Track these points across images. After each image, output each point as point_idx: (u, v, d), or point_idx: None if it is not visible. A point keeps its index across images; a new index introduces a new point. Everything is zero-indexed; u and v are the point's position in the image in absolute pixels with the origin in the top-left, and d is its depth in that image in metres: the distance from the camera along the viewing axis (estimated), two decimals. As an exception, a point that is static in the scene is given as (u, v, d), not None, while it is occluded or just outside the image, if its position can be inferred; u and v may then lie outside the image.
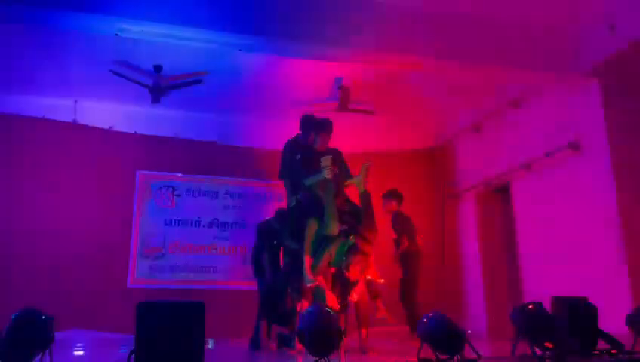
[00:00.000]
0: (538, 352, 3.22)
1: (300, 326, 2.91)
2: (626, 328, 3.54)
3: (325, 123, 4.87)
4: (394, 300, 5.65)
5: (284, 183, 5.09)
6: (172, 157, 6.62)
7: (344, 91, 6.22)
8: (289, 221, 4.86)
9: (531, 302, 3.44)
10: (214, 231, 6.62)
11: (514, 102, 6.20)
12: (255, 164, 6.78)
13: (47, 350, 2.61)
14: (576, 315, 3.39)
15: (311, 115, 5.11)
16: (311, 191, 4.62)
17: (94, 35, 4.66)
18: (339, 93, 6.25)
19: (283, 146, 5.17)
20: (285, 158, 5.07)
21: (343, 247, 4.20)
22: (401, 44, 4.77)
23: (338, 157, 4.75)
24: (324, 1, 4.68)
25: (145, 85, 5.86)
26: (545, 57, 5.10)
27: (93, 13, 4.04)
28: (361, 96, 6.43)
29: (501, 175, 6.39)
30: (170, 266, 6.33)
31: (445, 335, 3.01)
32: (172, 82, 5.86)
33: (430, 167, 7.51)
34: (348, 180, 4.73)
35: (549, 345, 3.19)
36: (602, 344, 3.39)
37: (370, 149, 6.84)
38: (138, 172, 6.50)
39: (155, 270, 6.27)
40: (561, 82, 5.39)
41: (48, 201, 5.89)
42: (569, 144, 5.30)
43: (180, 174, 6.67)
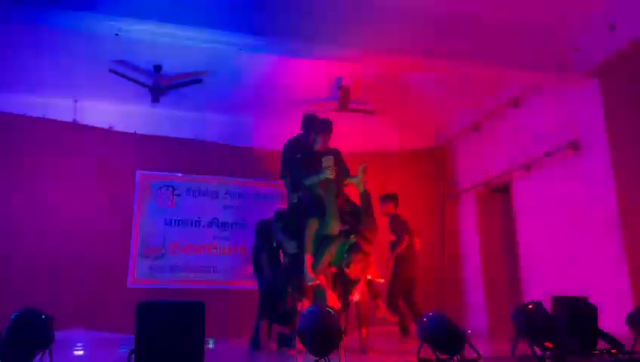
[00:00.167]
0: (538, 352, 3.22)
1: (301, 325, 2.91)
2: (626, 328, 3.54)
3: (325, 123, 4.88)
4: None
5: (284, 182, 5.10)
6: (172, 157, 6.61)
7: (344, 91, 6.22)
8: (289, 220, 4.86)
9: (531, 302, 3.44)
10: (214, 231, 6.61)
11: (514, 102, 6.20)
12: (255, 164, 6.78)
13: (47, 350, 2.61)
14: (576, 315, 3.39)
15: (312, 115, 5.11)
16: (311, 190, 4.62)
17: (94, 35, 4.66)
18: (339, 93, 6.26)
19: (284, 146, 5.18)
20: (286, 158, 5.07)
21: (344, 246, 4.21)
22: (401, 44, 4.77)
23: (338, 157, 4.76)
24: (324, 1, 4.68)
25: (145, 85, 5.86)
26: (545, 57, 5.11)
27: (93, 13, 4.04)
28: (361, 96, 6.43)
29: (501, 175, 6.39)
30: (170, 266, 6.33)
31: (445, 335, 3.01)
32: (172, 82, 5.86)
33: (430, 167, 7.50)
34: (347, 180, 4.74)
35: (549, 345, 3.19)
36: (602, 344, 3.39)
37: (370, 149, 6.84)
38: (138, 172, 6.50)
39: (155, 270, 6.27)
40: (561, 82, 5.39)
41: (48, 201, 5.89)
42: (569, 144, 5.30)
43: (180, 174, 6.67)
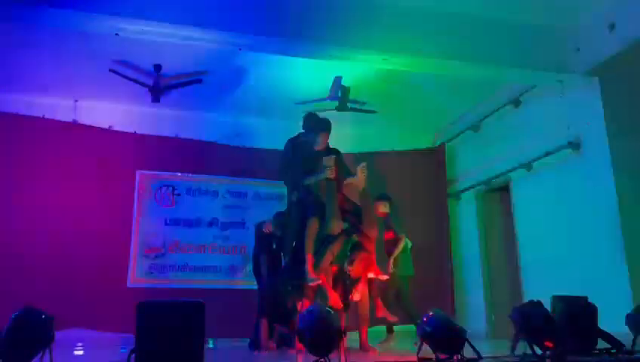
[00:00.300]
0: (538, 352, 3.22)
1: (301, 325, 2.90)
2: (626, 327, 3.54)
3: (324, 122, 4.87)
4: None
5: (284, 182, 5.10)
6: (172, 157, 6.61)
7: (344, 91, 6.22)
8: (289, 221, 4.87)
9: (531, 302, 3.44)
10: (214, 230, 6.61)
11: (514, 102, 6.21)
12: (255, 164, 6.77)
13: (47, 349, 2.61)
14: (576, 315, 3.39)
15: (313, 114, 5.12)
16: (311, 190, 4.62)
17: (94, 35, 4.66)
18: (339, 93, 6.26)
19: (284, 145, 5.19)
20: (286, 157, 5.08)
21: (347, 245, 4.21)
22: (401, 44, 4.77)
23: (338, 156, 4.75)
24: (324, 1, 4.68)
25: (145, 85, 5.86)
26: (545, 57, 5.11)
27: (93, 13, 4.04)
28: (361, 96, 6.43)
29: (501, 175, 6.39)
30: (170, 266, 6.33)
31: (445, 334, 3.01)
32: (172, 82, 5.86)
33: (430, 167, 7.50)
34: (346, 179, 4.73)
35: (549, 345, 3.19)
36: (602, 343, 3.39)
37: (370, 149, 6.84)
38: (138, 171, 6.50)
39: (155, 270, 6.27)
40: (561, 82, 5.39)
41: (48, 201, 5.88)
42: (569, 144, 5.30)
43: (180, 174, 6.67)
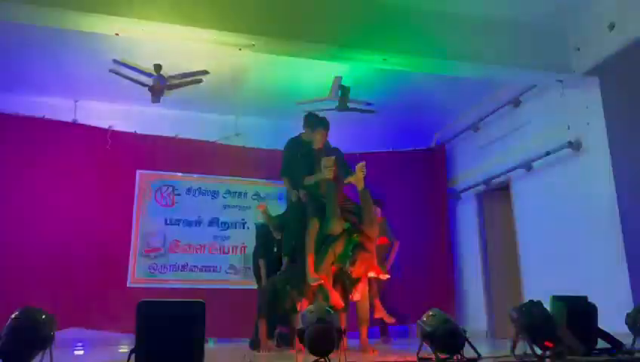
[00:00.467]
0: (538, 352, 3.22)
1: (301, 325, 2.90)
2: (626, 327, 3.54)
3: (321, 119, 4.89)
4: (395, 299, 5.66)
5: (284, 182, 5.10)
6: (172, 156, 6.60)
7: (344, 91, 6.23)
8: (289, 221, 4.87)
9: (531, 302, 3.43)
10: (214, 230, 6.62)
11: (514, 102, 6.21)
12: (255, 164, 6.77)
13: (47, 349, 2.60)
14: (576, 315, 3.39)
15: (312, 114, 5.13)
16: (311, 190, 4.62)
17: (94, 35, 4.65)
18: (339, 92, 6.26)
19: (284, 145, 5.19)
20: (286, 157, 5.08)
21: (348, 246, 4.20)
22: (401, 44, 4.77)
23: (338, 156, 4.75)
24: (324, 1, 4.68)
25: (145, 85, 5.86)
26: (545, 57, 5.11)
27: (93, 13, 4.04)
28: (361, 95, 6.43)
29: (501, 174, 6.39)
30: (170, 265, 6.33)
31: (445, 334, 3.01)
32: (172, 82, 5.86)
33: (430, 167, 7.50)
34: (346, 178, 4.73)
35: (549, 345, 3.19)
36: (602, 343, 3.39)
37: (370, 149, 6.84)
38: (138, 171, 6.50)
39: (155, 269, 6.27)
40: (561, 82, 5.38)
41: (48, 201, 5.88)
42: (569, 143, 5.30)
43: (180, 174, 6.67)
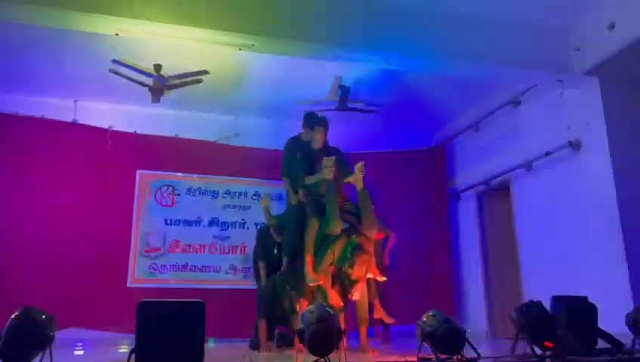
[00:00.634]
0: (538, 352, 3.22)
1: (300, 325, 2.90)
2: (626, 327, 3.54)
3: (320, 118, 4.88)
4: (395, 299, 5.66)
5: (284, 182, 5.10)
6: (172, 156, 6.60)
7: (344, 91, 6.23)
8: (288, 222, 4.87)
9: (531, 302, 3.44)
10: (214, 230, 6.61)
11: (514, 102, 6.21)
12: (255, 164, 6.77)
13: (47, 349, 2.60)
14: (576, 315, 3.39)
15: (311, 113, 5.13)
16: (311, 190, 4.62)
17: (94, 35, 4.65)
18: (339, 92, 6.26)
19: (284, 145, 5.19)
20: (286, 157, 5.08)
21: (348, 247, 4.19)
22: (401, 44, 4.77)
23: (338, 156, 4.75)
24: (324, 1, 4.68)
25: (145, 85, 5.86)
26: (545, 57, 5.11)
27: (93, 13, 4.04)
28: (361, 95, 6.43)
29: (501, 174, 6.39)
30: (170, 265, 6.33)
31: (445, 334, 3.01)
32: (172, 82, 5.86)
33: (430, 167, 7.50)
34: (345, 177, 4.73)
35: (549, 345, 3.19)
36: (602, 343, 3.39)
37: (370, 149, 6.84)
38: (138, 171, 6.49)
39: (156, 269, 6.27)
40: (561, 82, 5.39)
41: (48, 201, 5.88)
42: (569, 143, 5.30)
43: (180, 174, 6.67)
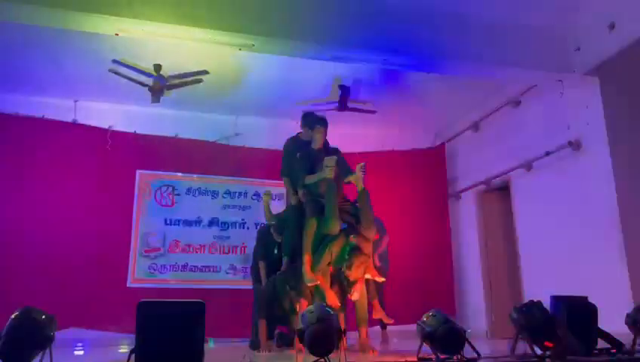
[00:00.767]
0: (538, 352, 3.22)
1: (300, 325, 2.90)
2: (626, 327, 3.54)
3: (320, 118, 4.88)
4: (395, 299, 5.66)
5: (284, 182, 5.10)
6: (172, 156, 6.60)
7: (344, 91, 6.23)
8: (288, 222, 4.86)
9: (531, 302, 3.44)
10: (214, 230, 6.61)
11: (514, 102, 6.21)
12: (255, 164, 6.77)
13: (47, 349, 2.60)
14: (576, 315, 3.39)
15: (310, 113, 5.13)
16: (311, 189, 4.62)
17: (94, 35, 4.65)
18: (339, 92, 6.26)
19: (284, 145, 5.19)
20: (285, 157, 5.08)
21: (345, 248, 4.19)
22: (401, 44, 4.77)
23: (338, 156, 4.75)
24: (324, 1, 4.68)
25: (145, 85, 5.86)
26: (545, 57, 5.11)
27: (93, 13, 4.04)
28: (361, 95, 6.43)
29: (501, 174, 6.39)
30: (170, 265, 6.33)
31: (445, 334, 3.01)
32: (172, 82, 5.86)
33: (430, 167, 7.50)
34: (346, 177, 4.72)
35: (549, 345, 3.19)
36: (602, 343, 3.39)
37: (370, 149, 6.85)
38: (138, 171, 6.50)
39: (155, 269, 6.27)
40: (561, 82, 5.39)
41: (48, 201, 5.88)
42: (569, 143, 5.30)
43: (180, 174, 6.67)
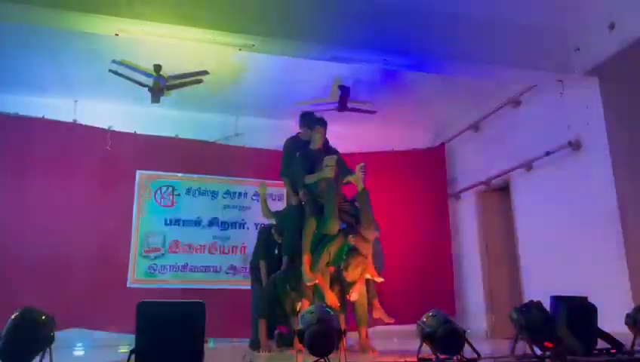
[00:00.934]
0: (538, 352, 3.22)
1: (300, 325, 2.90)
2: (626, 327, 3.54)
3: (319, 118, 4.89)
4: (395, 299, 5.65)
5: (284, 182, 5.10)
6: (172, 157, 6.60)
7: (344, 91, 6.23)
8: (288, 221, 4.86)
9: (531, 302, 3.44)
10: (214, 230, 6.61)
11: (514, 102, 6.21)
12: (255, 164, 6.76)
13: (47, 350, 2.61)
14: (576, 315, 3.39)
15: (308, 113, 5.13)
16: (311, 189, 4.62)
17: (94, 35, 4.65)
18: (339, 93, 6.26)
19: (283, 145, 5.19)
20: (285, 157, 5.08)
21: (343, 248, 4.19)
22: (401, 44, 4.77)
23: (337, 157, 4.75)
24: (324, 1, 4.68)
25: (145, 85, 5.85)
26: (545, 57, 5.11)
27: (93, 13, 4.04)
28: (361, 95, 6.43)
29: (501, 174, 6.39)
30: (170, 266, 6.33)
31: (445, 334, 3.01)
32: (172, 82, 5.86)
33: (430, 167, 7.50)
34: (346, 177, 4.72)
35: (549, 345, 3.19)
36: (602, 343, 3.39)
37: (370, 149, 6.84)
38: (138, 171, 6.49)
39: (155, 269, 6.27)
40: (561, 82, 5.39)
41: (48, 201, 5.87)
42: (569, 143, 5.30)
43: (180, 174, 6.67)
